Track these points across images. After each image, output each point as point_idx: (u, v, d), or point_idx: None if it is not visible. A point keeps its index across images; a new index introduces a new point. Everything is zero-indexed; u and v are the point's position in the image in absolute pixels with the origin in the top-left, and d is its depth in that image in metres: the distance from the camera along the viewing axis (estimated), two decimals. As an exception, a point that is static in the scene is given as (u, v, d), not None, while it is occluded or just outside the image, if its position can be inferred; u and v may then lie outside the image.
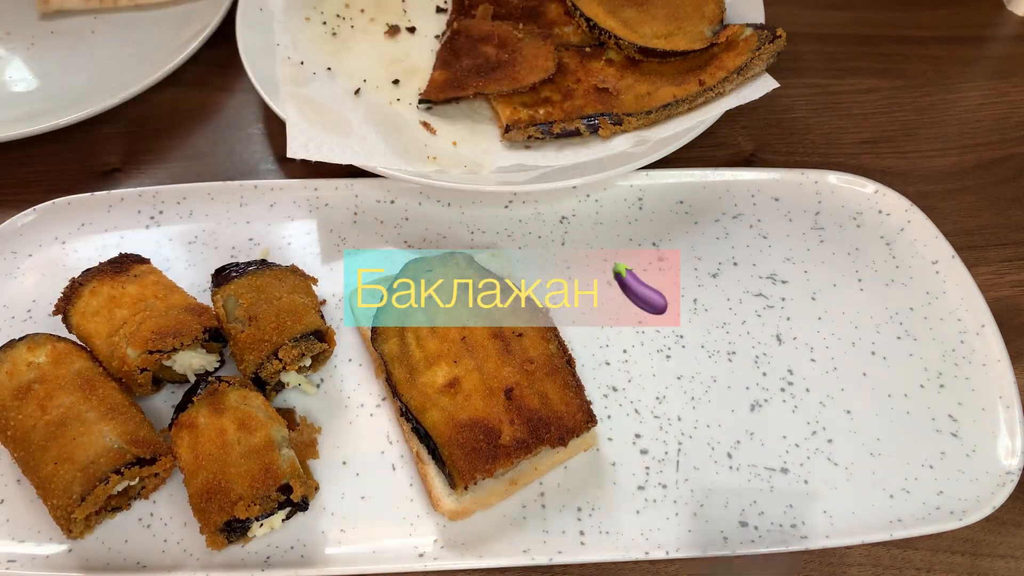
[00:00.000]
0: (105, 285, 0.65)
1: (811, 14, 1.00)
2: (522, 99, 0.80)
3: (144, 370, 0.62)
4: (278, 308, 0.64)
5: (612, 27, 0.83)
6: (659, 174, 0.79)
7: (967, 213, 0.81)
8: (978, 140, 0.88)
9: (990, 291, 0.74)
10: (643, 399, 0.66)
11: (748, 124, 0.88)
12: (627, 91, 0.80)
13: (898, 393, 0.67)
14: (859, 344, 0.69)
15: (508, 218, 0.77)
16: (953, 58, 0.96)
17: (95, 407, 0.59)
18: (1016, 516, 0.62)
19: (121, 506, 0.59)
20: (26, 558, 0.57)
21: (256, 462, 0.56)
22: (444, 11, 0.92)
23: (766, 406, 0.66)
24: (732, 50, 0.80)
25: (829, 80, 0.93)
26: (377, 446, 0.63)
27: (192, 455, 0.57)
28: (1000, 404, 0.66)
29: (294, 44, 0.86)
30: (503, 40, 0.83)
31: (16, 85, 0.88)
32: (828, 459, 0.63)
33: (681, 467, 0.63)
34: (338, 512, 0.60)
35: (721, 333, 0.70)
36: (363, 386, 0.66)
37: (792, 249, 0.75)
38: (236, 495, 0.55)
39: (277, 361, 0.62)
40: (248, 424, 0.58)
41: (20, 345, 0.62)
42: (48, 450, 0.57)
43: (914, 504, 0.61)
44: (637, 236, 0.76)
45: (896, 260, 0.75)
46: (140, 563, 0.58)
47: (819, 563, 0.60)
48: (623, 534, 0.59)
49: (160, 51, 0.89)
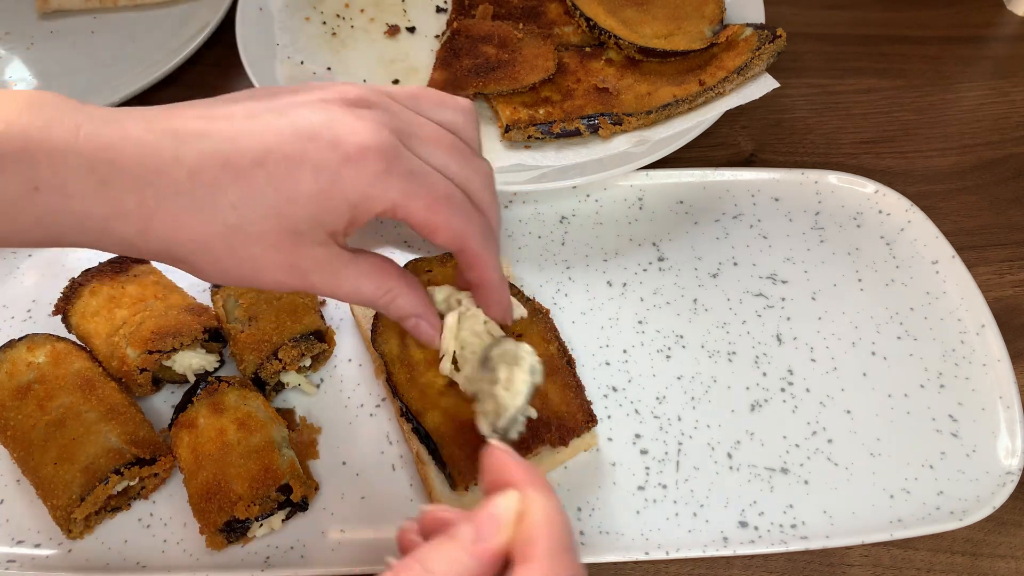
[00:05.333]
0: (105, 285, 0.65)
1: (811, 14, 1.00)
2: (522, 99, 0.80)
3: (144, 370, 0.62)
4: (278, 308, 0.64)
5: (612, 27, 0.83)
6: (659, 174, 0.79)
7: (967, 213, 0.81)
8: (978, 140, 0.88)
9: (990, 291, 0.74)
10: (643, 399, 0.66)
11: (748, 124, 0.88)
12: (627, 91, 0.80)
13: (898, 393, 0.67)
14: (859, 344, 0.69)
15: (508, 218, 0.77)
16: (953, 58, 0.96)
17: (95, 407, 0.59)
18: (1016, 516, 0.62)
19: (121, 506, 0.59)
20: (26, 558, 0.57)
21: (256, 462, 0.56)
22: (444, 11, 0.92)
23: (766, 406, 0.66)
24: (732, 50, 0.80)
25: (829, 80, 0.93)
26: (377, 446, 0.63)
27: (192, 455, 0.57)
28: (1000, 404, 0.66)
29: (294, 44, 0.86)
30: (503, 40, 0.83)
31: (16, 85, 0.88)
32: (828, 459, 0.63)
33: (681, 467, 0.63)
34: (338, 512, 0.60)
35: (721, 333, 0.70)
36: (363, 386, 0.66)
37: (792, 249, 0.75)
38: (236, 495, 0.55)
39: (277, 361, 0.62)
40: (248, 424, 0.58)
41: (20, 345, 0.62)
42: (48, 450, 0.57)
43: (914, 504, 0.61)
44: (637, 236, 0.76)
45: (896, 260, 0.75)
46: (140, 563, 0.57)
47: (819, 563, 0.60)
48: (623, 534, 0.59)
49: (160, 51, 0.89)
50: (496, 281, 0.50)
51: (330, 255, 0.45)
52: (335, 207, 0.43)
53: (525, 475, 0.40)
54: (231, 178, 0.41)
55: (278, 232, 0.42)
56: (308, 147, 0.42)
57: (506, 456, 0.41)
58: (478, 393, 0.54)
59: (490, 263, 0.49)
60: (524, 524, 0.38)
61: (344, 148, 0.42)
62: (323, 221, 0.43)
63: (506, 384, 0.52)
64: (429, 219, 0.45)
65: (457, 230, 0.46)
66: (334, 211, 0.43)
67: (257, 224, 0.42)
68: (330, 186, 0.42)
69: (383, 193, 0.43)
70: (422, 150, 0.45)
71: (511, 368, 0.53)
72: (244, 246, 0.42)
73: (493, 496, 0.39)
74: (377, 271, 0.47)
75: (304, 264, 0.44)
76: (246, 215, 0.41)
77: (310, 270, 0.44)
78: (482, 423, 0.53)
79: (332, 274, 0.45)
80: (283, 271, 0.44)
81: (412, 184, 0.44)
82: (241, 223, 0.42)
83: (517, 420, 0.51)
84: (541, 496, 0.39)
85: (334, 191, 0.42)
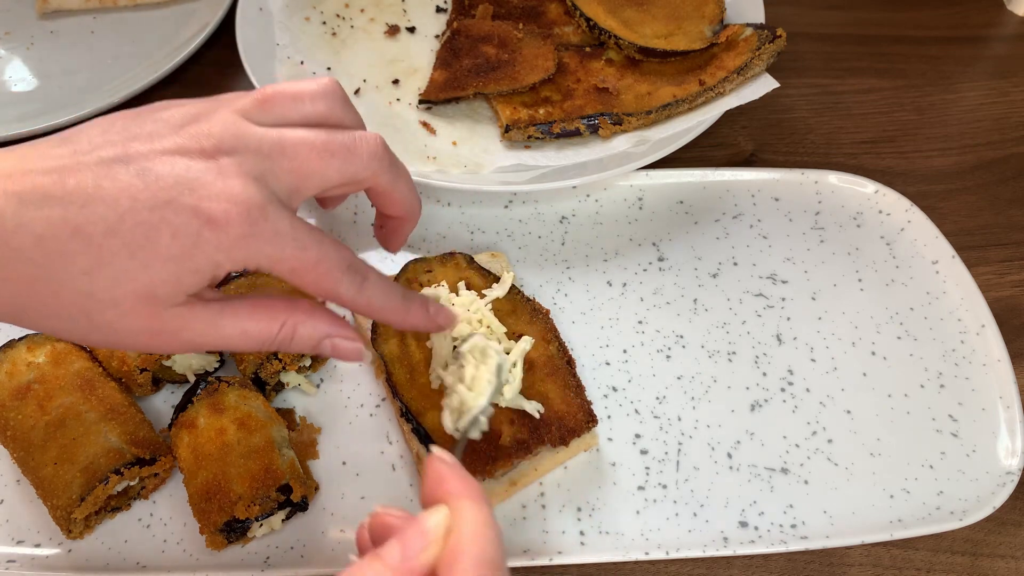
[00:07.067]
0: (105, 285, 0.65)
1: (811, 14, 1.00)
2: (522, 99, 0.80)
3: (144, 370, 0.62)
4: (278, 308, 0.64)
5: (612, 27, 0.83)
6: (659, 174, 0.79)
7: (967, 213, 0.81)
8: (978, 140, 0.88)
9: (990, 291, 0.74)
10: (643, 399, 0.66)
11: (748, 124, 0.88)
12: (627, 91, 0.80)
13: (898, 393, 0.67)
14: (859, 344, 0.69)
15: (508, 218, 0.77)
16: (953, 58, 0.96)
17: (95, 407, 0.59)
18: (1016, 516, 0.62)
19: (121, 506, 0.59)
20: (25, 558, 0.57)
21: (256, 462, 0.56)
22: (444, 11, 0.92)
23: (766, 406, 0.66)
24: (732, 50, 0.80)
25: (829, 80, 0.93)
26: (377, 446, 0.63)
27: (192, 455, 0.57)
28: (1000, 404, 0.66)
29: (294, 44, 0.86)
30: (503, 40, 0.83)
31: (15, 85, 0.88)
32: (828, 459, 0.63)
33: (681, 467, 0.63)
34: (338, 512, 0.60)
35: (721, 333, 0.70)
36: (363, 386, 0.66)
37: (792, 249, 0.75)
38: (236, 495, 0.55)
39: (277, 361, 0.62)
40: (248, 424, 0.58)
41: (20, 345, 0.62)
42: (48, 450, 0.57)
43: (914, 504, 0.61)
44: (637, 236, 0.76)
45: (896, 260, 0.75)
46: (140, 563, 0.57)
47: (819, 563, 0.60)
48: (623, 534, 0.59)
49: (160, 51, 0.89)
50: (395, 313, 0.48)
51: (196, 312, 0.42)
52: (196, 268, 0.40)
53: (460, 487, 0.39)
54: (82, 246, 0.38)
55: (133, 298, 0.40)
56: (166, 213, 0.39)
57: (444, 467, 0.40)
58: (447, 389, 0.53)
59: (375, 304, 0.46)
60: (451, 538, 0.37)
61: (206, 213, 0.39)
62: (183, 283, 0.40)
63: (470, 383, 0.52)
64: (294, 278, 0.43)
65: (325, 287, 0.44)
66: (195, 273, 0.40)
67: (109, 291, 0.39)
68: (191, 249, 0.39)
69: (246, 254, 0.41)
70: (292, 175, 0.43)
71: (478, 365, 0.52)
72: (99, 313, 0.40)
73: (423, 512, 0.39)
74: (261, 308, 0.44)
75: (168, 327, 0.41)
76: (99, 283, 0.39)
77: (178, 331, 0.42)
78: (446, 419, 0.52)
79: (208, 327, 0.42)
80: (145, 336, 0.41)
81: (278, 245, 0.41)
82: (93, 290, 0.39)
83: (478, 420, 0.51)
84: (472, 509, 0.38)
85: (195, 254, 0.40)
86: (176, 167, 0.40)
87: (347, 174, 0.44)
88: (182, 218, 0.39)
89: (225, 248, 0.40)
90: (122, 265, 0.39)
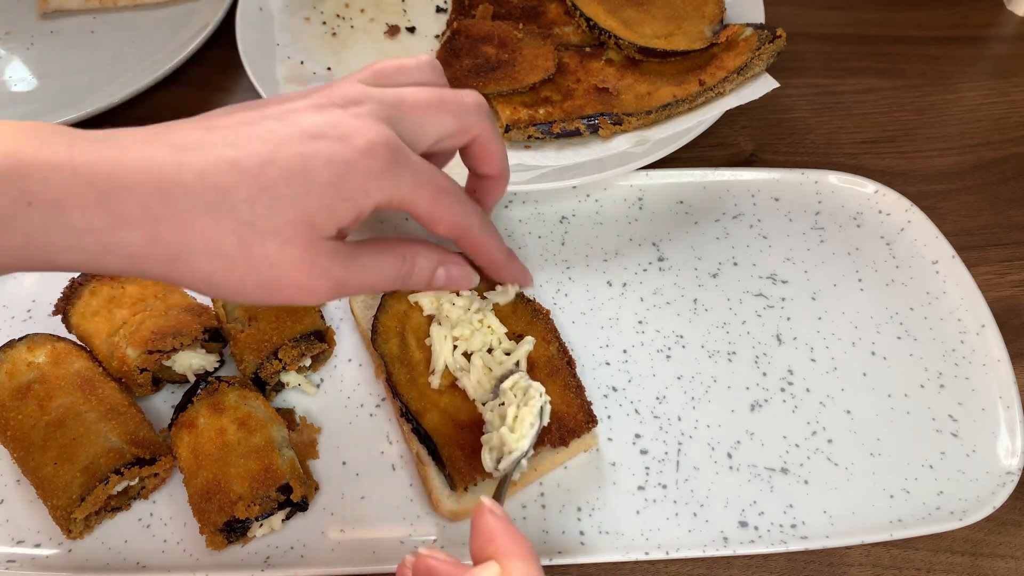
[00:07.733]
0: (105, 285, 0.65)
1: (811, 14, 1.00)
2: (522, 99, 0.80)
3: (144, 370, 0.62)
4: (278, 308, 0.64)
5: (612, 27, 0.83)
6: (659, 174, 0.79)
7: (967, 213, 0.81)
8: (978, 140, 0.88)
9: (990, 291, 0.74)
10: (643, 399, 0.66)
11: (748, 124, 0.88)
12: (627, 91, 0.80)
13: (898, 393, 0.67)
14: (859, 344, 0.69)
15: (508, 218, 0.77)
16: (953, 58, 0.96)
17: (95, 407, 0.59)
18: (1016, 516, 0.62)
19: (121, 506, 0.59)
20: (25, 558, 0.57)
21: (256, 462, 0.56)
22: (444, 11, 0.92)
23: (766, 406, 0.66)
24: (732, 50, 0.80)
25: (829, 80, 0.93)
26: (377, 446, 0.63)
27: (192, 455, 0.57)
28: (1000, 404, 0.66)
29: (294, 44, 0.86)
30: (503, 40, 0.83)
31: (16, 85, 0.88)
32: (828, 459, 0.63)
33: (681, 467, 0.63)
34: (338, 512, 0.60)
35: (721, 333, 0.70)
36: (363, 386, 0.66)
37: (792, 249, 0.75)
38: (236, 495, 0.55)
39: (277, 361, 0.62)
40: (248, 424, 0.58)
41: (20, 345, 0.62)
42: (48, 450, 0.57)
43: (914, 504, 0.61)
44: (637, 236, 0.76)
45: (896, 260, 0.75)
46: (140, 563, 0.57)
47: (819, 563, 0.60)
48: (623, 534, 0.59)
49: (160, 51, 0.89)
50: (503, 260, 0.53)
51: (342, 248, 0.45)
52: (350, 195, 0.43)
53: (511, 545, 0.40)
54: (241, 176, 0.40)
55: (293, 225, 0.42)
56: (318, 144, 0.42)
57: (495, 522, 0.41)
58: (486, 424, 0.54)
59: (492, 245, 0.52)
60: None
61: (354, 142, 0.42)
62: (336, 212, 0.43)
63: (512, 424, 0.53)
64: (432, 210, 0.46)
65: (458, 220, 0.48)
66: (348, 200, 0.43)
67: (271, 218, 0.41)
68: (345, 174, 0.42)
69: (393, 184, 0.44)
70: (413, 122, 0.46)
71: (519, 407, 0.53)
72: (259, 243, 0.41)
73: (477, 568, 0.40)
74: (384, 245, 0.48)
75: (322, 262, 0.44)
76: (259, 210, 0.41)
77: (329, 268, 0.44)
78: (486, 458, 0.53)
79: (353, 264, 0.45)
80: (301, 273, 0.43)
81: (418, 176, 0.45)
82: (255, 219, 0.41)
83: (520, 464, 0.52)
84: (523, 570, 0.39)
85: (349, 179, 0.42)
86: (317, 115, 0.44)
87: (458, 124, 0.49)
88: (334, 147, 0.42)
89: (375, 174, 0.43)
90: (280, 191, 0.41)
